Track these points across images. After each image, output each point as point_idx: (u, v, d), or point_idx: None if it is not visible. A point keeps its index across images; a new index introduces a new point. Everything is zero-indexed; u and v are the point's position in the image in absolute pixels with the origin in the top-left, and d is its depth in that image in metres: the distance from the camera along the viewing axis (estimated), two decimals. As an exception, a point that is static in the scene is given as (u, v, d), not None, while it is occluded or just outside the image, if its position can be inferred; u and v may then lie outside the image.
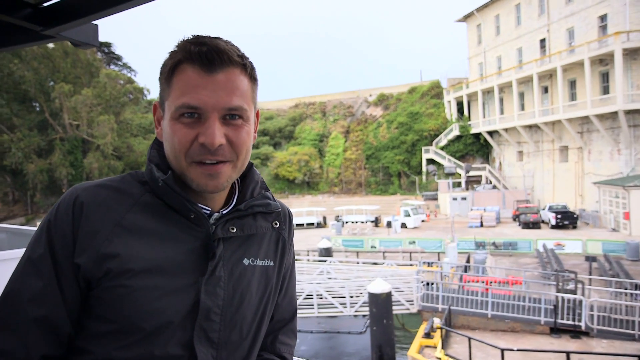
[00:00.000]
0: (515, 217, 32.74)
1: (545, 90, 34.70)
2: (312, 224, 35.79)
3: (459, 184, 41.67)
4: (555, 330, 11.83)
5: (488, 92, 40.86)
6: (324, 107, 54.44)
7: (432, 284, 14.31)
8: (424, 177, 44.73)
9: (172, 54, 0.86)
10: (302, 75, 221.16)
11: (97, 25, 2.39)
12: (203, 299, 0.84)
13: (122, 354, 0.80)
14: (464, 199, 37.89)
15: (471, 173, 41.50)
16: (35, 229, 0.90)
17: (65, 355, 0.83)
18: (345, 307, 13.59)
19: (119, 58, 57.64)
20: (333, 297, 13.84)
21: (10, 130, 39.88)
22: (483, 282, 15.62)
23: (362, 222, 33.19)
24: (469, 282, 15.66)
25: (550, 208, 29.66)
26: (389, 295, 11.76)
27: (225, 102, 0.83)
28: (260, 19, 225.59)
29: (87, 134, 42.43)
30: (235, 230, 0.91)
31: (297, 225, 35.33)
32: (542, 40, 35.11)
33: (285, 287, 1.06)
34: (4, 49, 2.39)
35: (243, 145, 0.87)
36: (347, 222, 33.15)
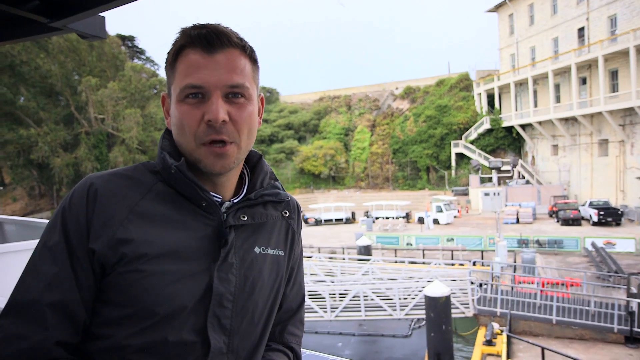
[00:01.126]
0: (552, 214, 31.54)
1: (584, 81, 33.25)
2: (341, 219, 35.05)
3: (490, 179, 40.48)
4: (632, 339, 10.86)
5: (521, 84, 39.45)
6: (349, 101, 53.49)
7: (483, 285, 13.45)
8: (453, 171, 43.59)
9: (175, 41, 0.89)
10: (326, 68, 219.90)
11: (104, 17, 2.38)
12: (216, 285, 0.85)
13: (136, 340, 0.81)
14: (496, 194, 36.73)
15: (502, 168, 40.27)
16: (46, 221, 0.80)
17: (80, 343, 0.83)
18: (395, 310, 12.83)
19: (142, 52, 57.46)
20: (381, 299, 13.10)
21: (37, 125, 39.93)
22: (537, 283, 14.68)
23: (394, 218, 32.32)
24: (521, 283, 14.75)
25: (591, 204, 28.37)
26: (448, 299, 10.95)
27: (227, 79, 0.85)
28: (282, 8, 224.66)
29: (112, 128, 42.30)
30: (246, 218, 0.92)
31: (325, 220, 34.68)
32: (581, 29, 33.60)
33: (294, 277, 1.07)
34: (11, 41, 2.38)
35: (245, 123, 0.88)
36: (377, 218, 32.30)
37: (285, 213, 1.02)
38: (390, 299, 13.43)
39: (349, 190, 47.25)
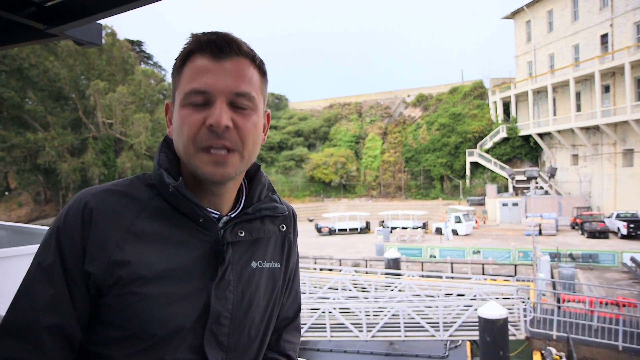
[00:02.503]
0: (575, 225, 30.52)
1: (606, 89, 32.34)
2: (355, 229, 33.99)
3: (506, 189, 39.48)
4: None
5: (538, 92, 38.58)
6: (360, 108, 52.67)
7: (533, 304, 12.42)
8: (467, 180, 42.59)
9: (184, 46, 0.87)
10: (336, 75, 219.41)
11: (100, 24, 2.39)
12: (213, 304, 0.85)
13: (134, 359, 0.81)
14: (515, 204, 35.71)
15: (519, 178, 39.29)
16: (40, 227, 0.92)
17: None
18: (438, 330, 11.81)
19: (149, 57, 56.91)
20: (421, 318, 12.07)
21: (44, 129, 39.13)
22: (583, 302, 13.64)
23: (413, 228, 31.29)
24: (568, 302, 13.72)
25: (618, 216, 27.33)
26: (505, 321, 9.94)
27: (233, 86, 0.83)
28: (293, 18, 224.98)
29: (120, 133, 41.49)
30: (243, 234, 0.91)
31: (339, 230, 33.63)
32: (604, 36, 32.74)
33: (290, 286, 1.06)
34: (7, 46, 2.40)
35: (249, 133, 0.86)
36: (394, 228, 31.28)
37: (283, 227, 1.00)
38: (430, 318, 12.41)
39: (360, 199, 46.25)
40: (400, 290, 13.61)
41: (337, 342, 13.26)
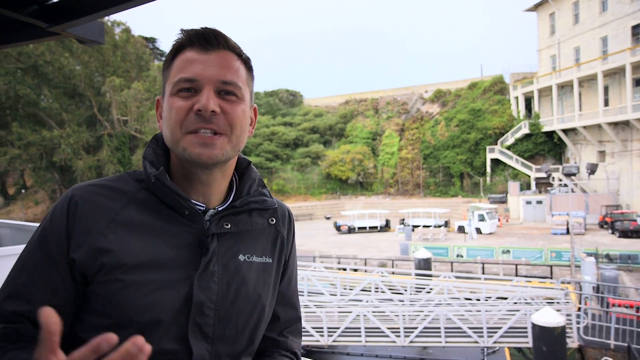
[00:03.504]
0: (604, 224, 29.47)
1: (637, 82, 31.14)
2: (375, 227, 33.19)
3: (528, 186, 38.40)
4: None
5: (563, 87, 37.40)
6: (376, 104, 51.79)
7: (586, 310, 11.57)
8: (488, 178, 41.56)
9: (174, 42, 0.90)
10: (351, 71, 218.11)
11: (102, 22, 2.39)
12: (196, 293, 0.85)
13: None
14: (539, 202, 34.66)
15: (542, 175, 38.20)
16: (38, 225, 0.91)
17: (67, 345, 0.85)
18: (482, 336, 11.02)
19: (162, 54, 56.55)
20: (463, 323, 11.28)
21: (59, 126, 38.89)
22: (632, 307, 12.75)
23: (435, 226, 30.44)
24: (616, 306, 12.83)
25: (652, 215, 26.25)
26: (563, 329, 9.13)
27: (220, 74, 0.85)
28: (308, 15, 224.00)
29: (135, 130, 41.12)
30: (229, 226, 0.92)
31: (359, 228, 32.88)
32: (635, 27, 31.52)
33: (291, 288, 1.07)
34: (8, 45, 2.44)
35: (238, 119, 0.87)
36: (416, 226, 30.45)
37: (272, 220, 0.99)
38: (471, 322, 11.62)
39: (378, 196, 45.44)
40: (438, 293, 12.83)
41: (370, 347, 12.54)
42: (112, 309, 0.81)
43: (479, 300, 12.99)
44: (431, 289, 13.89)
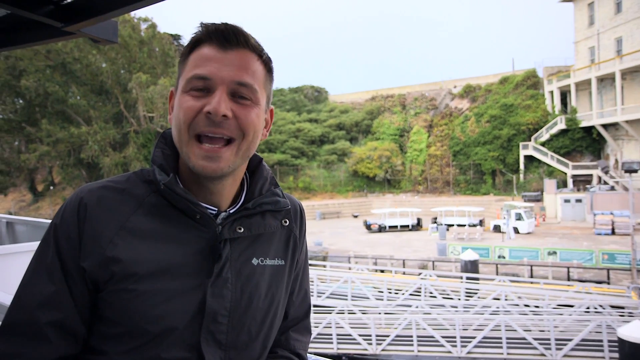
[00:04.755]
0: (651, 224, 27.92)
1: (686, 75, 29.46)
2: (406, 226, 32.22)
3: (564, 184, 36.86)
4: None
5: (602, 80, 35.75)
6: (404, 100, 50.63)
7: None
8: (521, 175, 40.11)
9: (192, 35, 0.86)
10: (377, 67, 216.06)
11: (116, 22, 2.41)
12: (209, 302, 0.83)
13: (129, 357, 0.81)
14: (578, 201, 33.18)
15: (579, 172, 36.67)
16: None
17: (80, 354, 0.83)
18: (549, 348, 10.07)
19: (187, 51, 56.41)
20: (527, 334, 10.35)
21: (86, 123, 38.92)
22: None
23: (469, 225, 29.33)
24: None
25: None
26: (655, 345, 8.15)
27: (235, 75, 0.82)
28: (331, 9, 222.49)
29: (161, 127, 40.89)
30: (242, 230, 0.89)
31: (389, 227, 31.94)
32: (684, 16, 29.82)
33: (299, 284, 1.04)
34: (25, 44, 2.47)
35: (251, 124, 0.84)
36: (451, 225, 29.39)
37: (285, 222, 0.96)
38: (532, 331, 10.68)
39: (406, 194, 44.38)
40: (495, 299, 11.90)
41: (422, 357, 11.68)
42: (123, 318, 0.79)
43: (537, 307, 12.02)
44: (483, 294, 12.95)
